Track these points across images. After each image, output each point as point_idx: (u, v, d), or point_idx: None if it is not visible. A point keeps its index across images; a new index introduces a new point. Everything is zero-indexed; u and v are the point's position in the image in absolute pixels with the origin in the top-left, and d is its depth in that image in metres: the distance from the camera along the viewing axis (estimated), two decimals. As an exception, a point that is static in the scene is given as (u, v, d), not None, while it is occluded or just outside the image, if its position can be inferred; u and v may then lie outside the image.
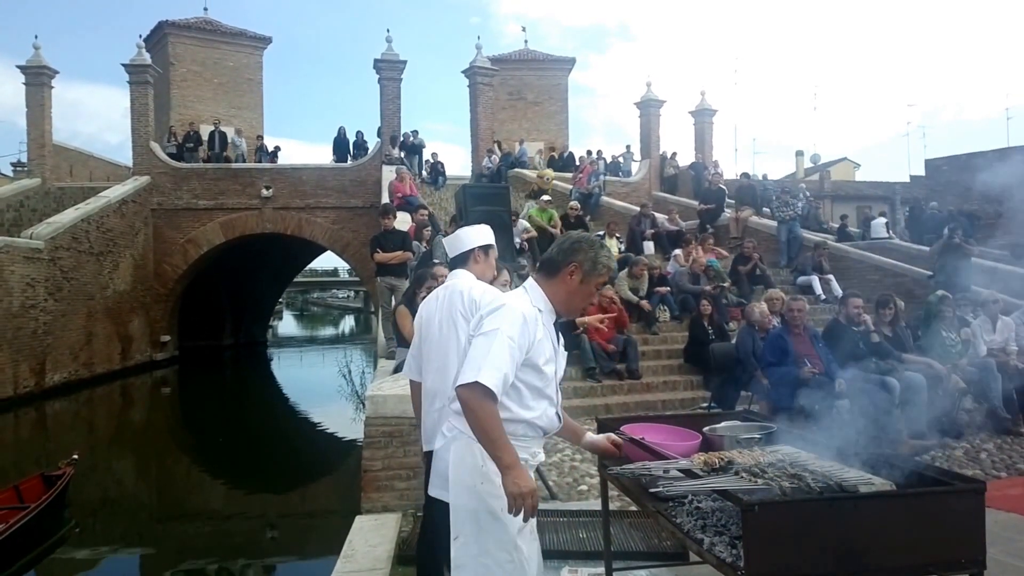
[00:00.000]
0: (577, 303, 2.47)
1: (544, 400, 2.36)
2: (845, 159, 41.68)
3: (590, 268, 2.37)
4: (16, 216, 19.81)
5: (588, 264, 2.37)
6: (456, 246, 3.41)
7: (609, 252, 2.48)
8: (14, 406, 14.27)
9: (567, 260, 2.37)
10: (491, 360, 2.14)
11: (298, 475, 11.07)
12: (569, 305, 2.45)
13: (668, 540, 4.11)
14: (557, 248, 2.45)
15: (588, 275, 2.37)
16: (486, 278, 3.40)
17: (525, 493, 2.07)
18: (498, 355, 2.16)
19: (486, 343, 2.19)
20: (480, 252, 3.38)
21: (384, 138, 20.87)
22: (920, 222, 15.91)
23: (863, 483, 2.24)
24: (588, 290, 2.41)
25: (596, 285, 2.42)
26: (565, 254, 2.39)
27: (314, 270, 59.65)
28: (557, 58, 30.13)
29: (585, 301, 2.49)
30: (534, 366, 2.29)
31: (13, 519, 6.71)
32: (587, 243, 2.43)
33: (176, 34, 26.62)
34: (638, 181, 22.46)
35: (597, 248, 2.42)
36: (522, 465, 2.15)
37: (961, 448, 6.60)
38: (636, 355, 8.96)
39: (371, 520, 4.99)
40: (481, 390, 2.11)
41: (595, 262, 2.38)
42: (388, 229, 8.86)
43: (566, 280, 2.38)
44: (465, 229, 3.53)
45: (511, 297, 2.38)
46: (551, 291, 2.39)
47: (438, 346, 3.18)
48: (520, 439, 2.30)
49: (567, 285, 2.38)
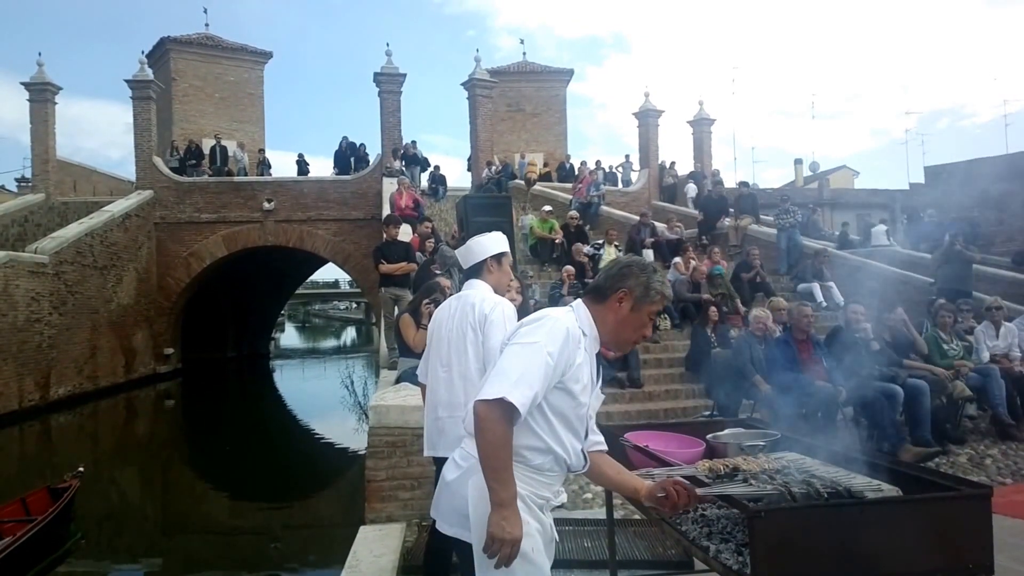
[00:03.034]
0: (627, 334, 2.19)
1: (571, 433, 2.09)
2: (844, 167, 41.72)
3: (642, 295, 2.14)
4: (21, 231, 19.89)
5: (640, 290, 2.14)
6: (468, 257, 3.32)
7: (663, 277, 2.25)
8: (19, 419, 14.28)
9: (616, 287, 2.15)
10: (526, 376, 1.91)
11: (302, 486, 11.06)
12: (618, 335, 2.18)
13: (673, 549, 4.12)
14: (605, 274, 2.23)
15: (639, 302, 2.14)
16: (502, 286, 3.37)
17: (507, 540, 1.88)
18: (534, 371, 1.92)
19: (522, 355, 1.96)
20: (493, 261, 3.29)
21: (385, 150, 20.96)
22: (916, 229, 15.91)
23: (869, 489, 2.25)
24: (640, 319, 2.17)
25: (649, 314, 2.17)
26: (614, 280, 2.17)
27: (316, 282, 59.73)
28: (555, 69, 30.24)
29: (636, 333, 2.21)
30: (568, 391, 2.04)
31: (20, 532, 6.71)
32: (638, 267, 2.19)
33: (178, 50, 26.78)
34: (638, 190, 22.51)
35: (649, 272, 2.19)
36: (516, 506, 1.93)
37: (965, 454, 6.60)
38: (637, 363, 8.97)
39: (375, 531, 4.99)
40: (503, 409, 1.88)
41: (647, 288, 2.15)
42: (391, 240, 8.89)
43: (615, 308, 2.15)
44: (476, 239, 3.36)
45: (554, 311, 2.12)
46: (599, 317, 2.15)
47: (446, 357, 3.21)
48: (545, 474, 2.07)
49: (616, 313, 2.15)
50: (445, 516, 2.20)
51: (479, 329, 3.08)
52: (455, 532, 2.16)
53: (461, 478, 2.12)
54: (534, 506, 2.05)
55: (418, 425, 5.10)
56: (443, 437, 3.23)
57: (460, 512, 2.10)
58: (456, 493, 2.13)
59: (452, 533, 2.18)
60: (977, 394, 7.12)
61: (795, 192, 28.08)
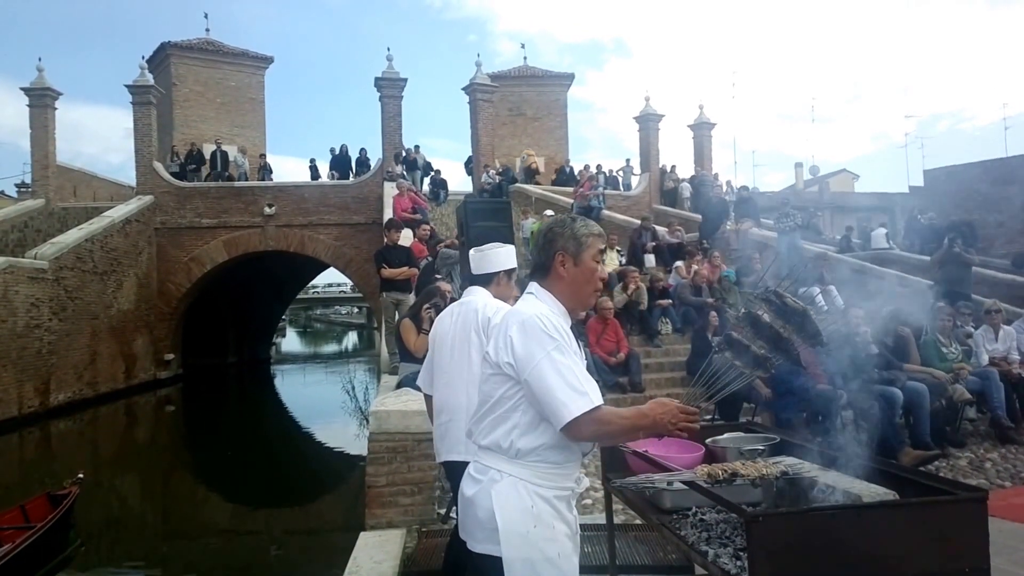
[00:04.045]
0: (585, 291, 2.18)
1: None
2: (844, 170, 41.75)
3: (575, 248, 2.13)
4: (20, 237, 19.94)
5: (571, 244, 2.13)
6: (483, 266, 3.40)
7: (585, 220, 2.24)
8: (19, 426, 14.28)
9: (551, 253, 2.15)
10: (579, 376, 1.95)
11: (302, 492, 11.06)
12: (578, 297, 2.18)
13: (673, 553, 4.11)
14: (536, 249, 2.22)
15: (577, 255, 2.13)
16: (504, 299, 3.43)
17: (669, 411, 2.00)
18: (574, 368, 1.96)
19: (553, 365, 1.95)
20: (504, 276, 3.40)
21: (386, 155, 21.00)
22: (915, 233, 15.94)
23: (866, 493, 2.26)
24: (588, 269, 2.15)
25: (593, 259, 2.16)
26: (545, 250, 2.17)
27: (317, 287, 59.80)
28: (556, 74, 30.31)
29: (591, 285, 2.19)
30: None
31: (19, 539, 6.71)
32: (559, 225, 2.19)
33: (179, 55, 26.85)
34: (638, 195, 22.54)
35: (569, 224, 2.18)
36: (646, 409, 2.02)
37: (965, 458, 6.60)
38: (639, 368, 8.96)
39: (375, 536, 4.98)
40: (591, 415, 1.91)
41: (575, 238, 2.14)
42: (393, 244, 8.89)
43: (560, 274, 2.14)
44: (496, 250, 3.46)
45: (528, 306, 2.10)
46: (555, 290, 2.15)
47: (449, 361, 3.27)
48: (564, 466, 2.06)
49: (565, 278, 2.14)
50: (471, 533, 2.10)
51: (482, 333, 3.14)
52: (484, 548, 2.04)
53: (482, 491, 2.06)
54: (560, 504, 2.05)
55: (419, 430, 5.12)
56: (444, 441, 3.29)
57: (486, 526, 2.03)
58: (479, 506, 2.05)
59: (481, 550, 2.05)
60: (976, 397, 7.12)
61: (795, 196, 28.05)
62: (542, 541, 1.97)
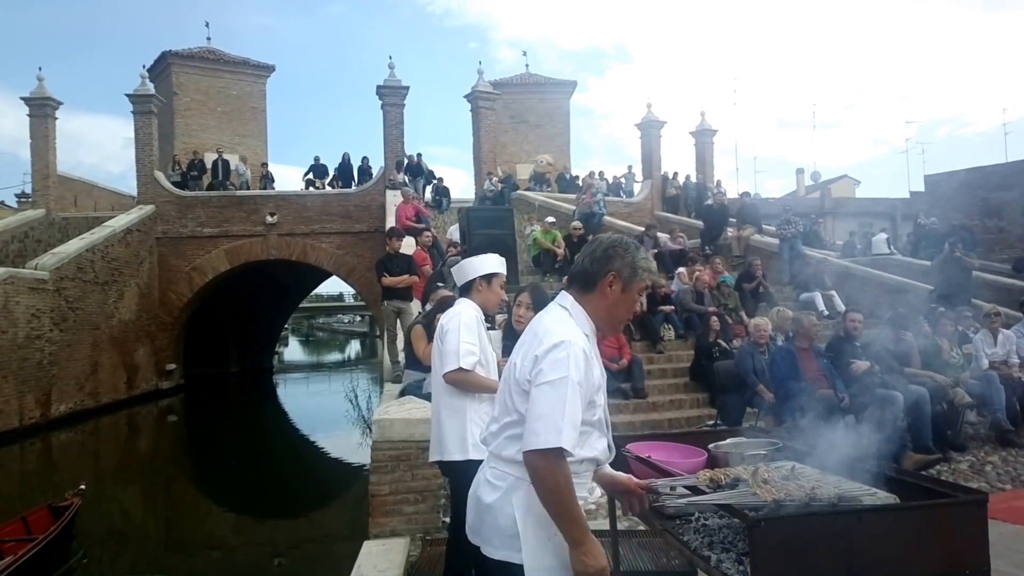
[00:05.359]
0: (620, 315, 2.16)
1: (598, 432, 2.09)
2: (845, 176, 41.78)
3: (630, 275, 2.09)
4: (21, 247, 19.92)
5: (627, 271, 2.08)
6: (460, 276, 3.60)
7: (646, 253, 2.21)
8: (20, 437, 14.25)
9: (604, 271, 2.08)
10: (568, 417, 1.87)
11: (305, 501, 11.04)
12: (612, 319, 2.14)
13: (677, 559, 4.12)
14: (589, 257, 2.13)
15: (629, 282, 2.09)
16: (490, 305, 3.65)
17: (595, 573, 1.86)
18: (572, 409, 1.88)
19: (555, 394, 1.89)
20: (482, 281, 3.56)
21: (388, 163, 21.03)
22: (921, 236, 15.97)
23: (868, 496, 2.27)
24: (631, 299, 2.12)
25: (639, 291, 2.13)
26: (600, 263, 2.09)
27: (319, 295, 59.76)
28: (558, 81, 30.38)
29: (628, 312, 2.18)
30: (591, 403, 2.02)
31: (21, 551, 6.71)
32: (622, 247, 2.12)
33: (179, 64, 26.92)
34: (640, 201, 22.55)
35: (633, 251, 2.13)
36: (593, 538, 1.91)
37: (966, 461, 6.60)
38: (641, 374, 8.96)
39: (379, 545, 4.99)
40: (557, 455, 1.84)
41: (634, 267, 2.09)
42: (394, 252, 8.90)
43: (605, 293, 2.08)
44: (470, 259, 3.66)
45: (562, 328, 2.01)
46: (591, 307, 2.09)
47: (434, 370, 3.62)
48: (579, 476, 2.04)
49: (607, 298, 2.09)
50: (489, 540, 2.07)
51: (437, 341, 3.56)
52: (503, 555, 2.02)
53: (503, 498, 2.03)
54: None
55: (423, 438, 5.11)
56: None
57: (506, 533, 2.01)
58: (500, 513, 2.03)
59: (500, 556, 2.03)
60: (977, 400, 7.13)
61: (797, 202, 28.13)
62: (562, 550, 1.95)
